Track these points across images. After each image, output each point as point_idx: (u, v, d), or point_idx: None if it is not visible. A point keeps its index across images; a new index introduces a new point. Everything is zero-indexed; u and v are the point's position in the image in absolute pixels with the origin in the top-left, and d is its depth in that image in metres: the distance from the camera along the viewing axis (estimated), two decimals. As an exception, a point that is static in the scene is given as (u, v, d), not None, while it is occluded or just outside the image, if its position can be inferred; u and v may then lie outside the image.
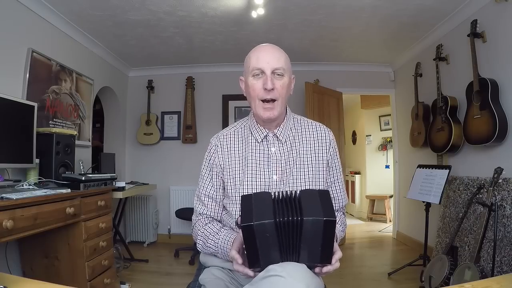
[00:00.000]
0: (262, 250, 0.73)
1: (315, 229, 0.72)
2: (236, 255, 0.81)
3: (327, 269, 0.77)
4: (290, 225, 0.73)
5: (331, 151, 1.06)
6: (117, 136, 3.89)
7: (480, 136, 2.19)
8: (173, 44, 3.28)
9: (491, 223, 1.91)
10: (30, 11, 2.26)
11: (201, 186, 1.09)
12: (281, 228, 0.73)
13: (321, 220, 0.71)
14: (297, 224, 0.73)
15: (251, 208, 0.75)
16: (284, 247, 0.74)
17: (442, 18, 2.72)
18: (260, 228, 0.72)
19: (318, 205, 0.74)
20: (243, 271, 0.79)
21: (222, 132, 1.11)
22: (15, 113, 1.86)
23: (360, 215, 5.53)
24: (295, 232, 0.73)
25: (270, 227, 0.72)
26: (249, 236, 0.72)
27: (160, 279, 2.66)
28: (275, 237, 0.73)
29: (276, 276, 0.70)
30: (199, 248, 1.05)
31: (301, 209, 0.74)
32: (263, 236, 0.72)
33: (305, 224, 0.72)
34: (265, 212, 0.74)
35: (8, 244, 1.93)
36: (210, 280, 0.97)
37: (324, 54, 3.64)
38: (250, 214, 0.74)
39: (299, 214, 0.73)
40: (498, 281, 0.81)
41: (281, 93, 0.97)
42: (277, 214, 0.74)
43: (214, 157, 1.07)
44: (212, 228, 1.02)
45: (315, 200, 0.76)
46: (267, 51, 0.99)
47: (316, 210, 0.73)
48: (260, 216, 0.73)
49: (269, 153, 1.03)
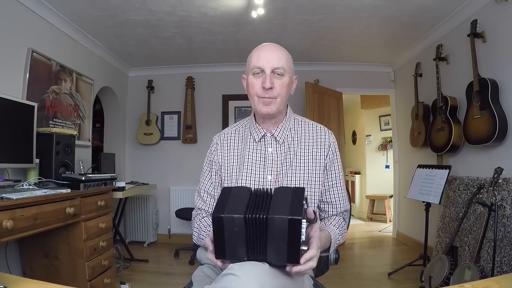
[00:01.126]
0: (229, 243, 0.73)
1: (280, 227, 0.71)
2: (208, 242, 0.81)
3: (297, 269, 0.74)
4: (257, 222, 0.73)
5: (330, 155, 1.04)
6: (117, 136, 3.89)
7: (480, 136, 2.19)
8: (173, 44, 3.29)
9: (491, 223, 1.91)
10: (30, 11, 2.26)
11: (201, 182, 1.12)
12: (249, 224, 0.73)
13: (286, 219, 0.70)
14: (263, 222, 0.72)
15: (226, 201, 0.76)
16: (251, 244, 0.74)
17: (442, 18, 2.72)
18: (229, 221, 0.72)
19: (287, 203, 0.73)
20: (213, 260, 0.79)
21: (224, 131, 1.14)
22: (15, 113, 1.85)
23: (360, 215, 5.53)
24: (262, 230, 0.73)
25: (239, 222, 0.72)
26: (218, 227, 0.73)
27: (160, 279, 2.66)
28: (243, 233, 0.73)
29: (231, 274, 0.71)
30: (194, 240, 1.08)
31: (269, 206, 0.74)
32: (232, 229, 0.72)
33: (270, 222, 0.71)
34: (238, 206, 0.74)
35: (8, 244, 1.93)
36: (198, 278, 0.99)
37: (324, 54, 3.64)
38: (224, 206, 0.74)
39: (266, 211, 0.73)
40: (498, 281, 0.81)
41: (280, 92, 0.97)
42: (249, 210, 0.74)
43: (214, 155, 1.10)
44: (207, 221, 1.05)
45: (286, 198, 0.75)
46: (268, 50, 0.99)
47: (283, 208, 0.72)
48: (232, 209, 0.73)
49: (266, 153, 1.04)
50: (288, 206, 0.72)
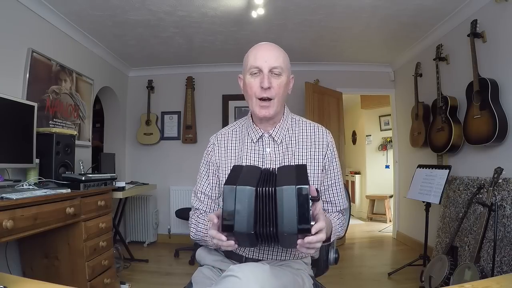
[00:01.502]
0: (238, 214, 0.74)
1: (289, 197, 0.73)
2: (212, 215, 0.80)
3: (309, 239, 0.74)
4: (267, 195, 0.75)
5: (328, 154, 1.04)
6: (117, 136, 3.89)
7: (480, 136, 2.19)
8: (173, 44, 3.28)
9: (491, 223, 1.91)
10: (30, 11, 2.26)
11: (198, 183, 1.11)
12: (260, 197, 0.75)
13: (294, 188, 0.73)
14: (273, 194, 0.75)
15: (238, 175, 0.79)
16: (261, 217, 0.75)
17: (442, 18, 2.72)
18: (241, 192, 0.74)
19: (292, 175, 0.77)
20: (216, 235, 0.78)
21: (221, 131, 1.13)
22: (15, 113, 1.86)
23: (360, 215, 5.53)
24: (271, 202, 0.75)
25: (250, 194, 0.74)
26: (228, 198, 0.74)
27: (160, 279, 2.66)
28: (253, 205, 0.74)
29: (232, 276, 0.71)
30: (191, 236, 1.07)
31: (276, 180, 0.78)
32: (243, 201, 0.74)
33: (279, 193, 0.74)
34: (250, 180, 0.77)
35: (8, 244, 1.93)
36: (199, 279, 0.99)
37: (324, 54, 3.64)
38: (236, 179, 0.77)
39: (273, 184, 0.76)
40: (498, 281, 0.81)
41: (278, 92, 0.97)
42: (259, 184, 0.77)
43: (211, 155, 1.09)
44: (204, 216, 1.05)
45: (291, 172, 0.80)
46: (265, 49, 0.99)
47: (290, 179, 0.76)
48: (245, 182, 0.76)
49: (263, 154, 1.03)
50: (294, 177, 0.77)
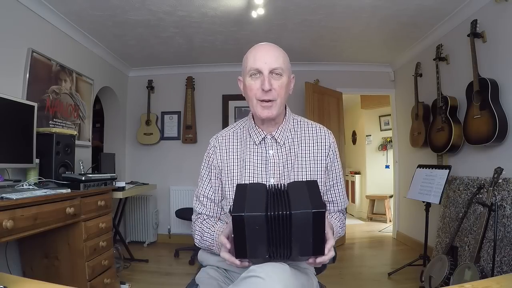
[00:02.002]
0: (250, 242, 0.73)
1: (304, 222, 0.71)
2: (224, 240, 0.80)
3: (321, 260, 0.76)
4: (280, 219, 0.72)
5: (331, 155, 1.04)
6: (117, 136, 3.89)
7: (480, 136, 2.19)
8: (173, 44, 3.28)
9: (491, 223, 1.91)
10: (30, 11, 2.26)
11: (200, 186, 1.08)
12: (271, 221, 0.72)
13: (310, 213, 0.70)
14: (287, 218, 0.72)
15: (244, 198, 0.75)
16: (273, 241, 0.74)
17: (442, 18, 2.72)
18: (250, 219, 0.71)
19: (306, 197, 0.74)
20: (229, 259, 0.78)
21: (221, 133, 1.10)
22: (15, 113, 1.85)
23: (360, 215, 5.53)
24: (285, 226, 0.73)
25: (261, 220, 0.72)
26: (238, 226, 0.72)
27: (160, 279, 2.66)
28: (265, 231, 0.72)
29: (255, 277, 0.70)
30: (197, 243, 1.05)
31: (289, 202, 0.74)
32: (253, 228, 0.72)
33: (294, 218, 0.71)
34: (257, 204, 0.73)
35: (8, 244, 1.93)
36: (204, 280, 0.97)
37: (324, 54, 3.64)
38: (242, 204, 0.73)
39: (287, 208, 0.72)
40: (498, 281, 0.81)
41: (279, 93, 0.95)
42: (269, 207, 0.73)
43: (213, 158, 1.06)
44: (209, 223, 1.03)
45: (303, 192, 0.75)
46: (264, 50, 0.96)
47: (304, 202, 0.72)
48: (252, 207, 0.72)
49: (267, 156, 1.01)
50: (308, 199, 0.73)
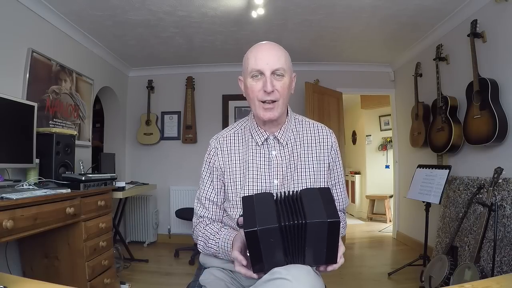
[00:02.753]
0: (266, 254, 0.71)
1: (319, 231, 0.70)
2: (239, 256, 0.79)
3: (332, 268, 0.77)
4: (294, 229, 0.71)
5: (333, 154, 1.04)
6: (117, 136, 3.89)
7: (480, 136, 2.19)
8: (173, 44, 3.28)
9: (491, 223, 1.91)
10: (30, 11, 2.26)
11: (201, 189, 1.06)
12: (285, 232, 0.71)
13: (325, 222, 0.70)
14: (301, 228, 0.71)
15: (253, 211, 0.72)
16: (289, 250, 0.73)
17: (442, 18, 2.72)
18: (264, 233, 0.69)
19: (320, 205, 0.72)
20: (246, 273, 0.78)
21: (222, 134, 1.08)
22: (15, 113, 1.85)
23: (360, 215, 5.53)
24: (299, 236, 0.72)
25: (275, 232, 0.70)
26: (252, 241, 0.70)
27: (160, 279, 2.66)
28: (280, 241, 0.71)
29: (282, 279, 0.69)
30: (200, 250, 1.03)
31: (304, 211, 0.72)
32: (267, 241, 0.70)
33: (309, 227, 0.70)
34: (268, 216, 0.71)
35: (8, 244, 1.92)
36: (211, 281, 0.95)
37: (324, 54, 3.64)
38: (253, 218, 0.71)
39: (302, 217, 0.71)
40: (498, 281, 0.81)
41: (282, 93, 0.94)
42: (281, 218, 0.71)
43: (214, 160, 1.04)
44: (213, 228, 1.00)
45: (317, 200, 0.74)
46: (265, 50, 0.95)
47: (319, 211, 0.71)
48: (264, 220, 0.70)
49: (270, 157, 1.00)
50: (323, 208, 0.72)
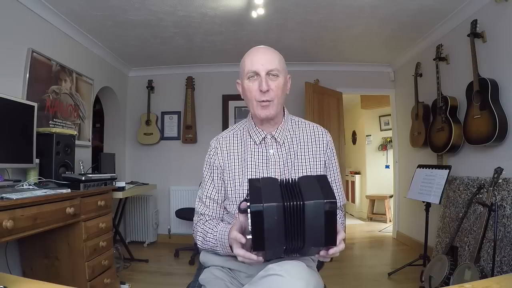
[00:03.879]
0: (268, 232, 0.73)
1: (317, 212, 0.72)
2: (238, 235, 0.80)
3: (333, 251, 0.77)
4: (295, 209, 0.73)
5: (328, 152, 1.08)
6: (117, 136, 3.89)
7: (480, 136, 2.19)
8: (173, 44, 3.28)
9: (491, 223, 1.91)
10: (30, 11, 2.26)
11: (203, 188, 1.10)
12: (287, 212, 0.73)
13: (322, 202, 0.72)
14: (301, 208, 0.73)
15: (259, 191, 0.75)
16: (289, 232, 0.74)
17: (442, 18, 2.72)
18: (269, 210, 0.72)
19: (318, 188, 0.75)
20: (245, 255, 0.78)
21: (222, 135, 1.13)
22: (15, 113, 1.86)
23: (360, 215, 5.53)
24: (299, 217, 0.74)
25: (279, 210, 0.72)
26: (257, 218, 0.72)
27: (160, 279, 2.66)
28: (282, 221, 0.73)
29: (275, 275, 0.70)
30: (199, 245, 1.05)
31: (302, 193, 0.75)
32: (271, 219, 0.72)
33: (307, 208, 0.73)
34: (273, 195, 0.74)
35: (8, 244, 1.93)
36: (210, 280, 0.97)
37: (324, 54, 3.64)
38: (259, 196, 0.73)
39: (300, 198, 0.74)
40: (498, 281, 0.81)
41: (276, 93, 0.99)
42: (285, 198, 0.74)
43: (214, 159, 1.08)
44: (211, 223, 1.03)
45: (314, 184, 0.77)
46: (261, 53, 1.00)
47: (316, 193, 0.74)
48: (270, 198, 0.73)
49: (267, 155, 1.04)
50: (320, 191, 0.75)
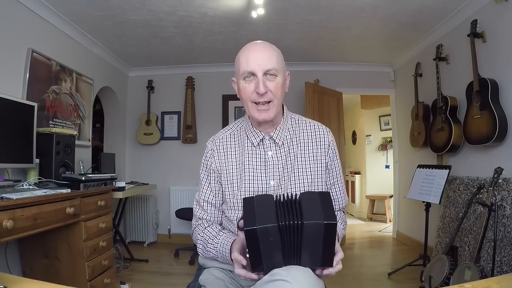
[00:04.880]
0: (265, 253, 0.73)
1: (316, 232, 0.71)
2: (239, 257, 0.80)
3: (328, 272, 0.77)
4: (292, 229, 0.72)
5: (330, 153, 1.03)
6: (117, 136, 3.89)
7: (480, 136, 2.19)
8: (173, 44, 3.28)
9: (491, 223, 1.91)
10: (30, 11, 2.26)
11: (200, 191, 1.07)
12: (284, 231, 0.72)
13: (322, 224, 0.71)
14: (299, 228, 0.72)
15: (253, 211, 0.74)
16: (286, 250, 0.74)
17: (442, 18, 2.72)
18: (263, 232, 0.71)
19: (318, 208, 0.74)
20: (246, 275, 0.78)
21: (218, 136, 1.08)
22: (15, 113, 1.85)
23: (360, 215, 5.53)
24: (296, 236, 0.73)
25: (274, 230, 0.72)
26: (252, 239, 0.72)
27: (160, 279, 2.66)
28: (278, 241, 0.72)
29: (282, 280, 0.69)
30: (200, 253, 1.03)
31: (302, 212, 0.73)
32: (267, 239, 0.72)
33: (306, 228, 0.71)
34: (268, 215, 0.73)
35: (8, 244, 1.93)
36: (210, 281, 0.96)
37: (324, 54, 3.64)
38: (253, 217, 0.73)
39: (299, 217, 0.72)
40: (498, 281, 0.81)
41: (275, 94, 0.93)
42: (280, 217, 0.73)
43: (211, 162, 1.04)
44: (211, 232, 1.00)
45: (316, 203, 0.75)
46: (257, 51, 0.93)
47: (316, 213, 0.72)
48: (263, 219, 0.72)
49: (266, 158, 1.00)
50: (321, 211, 0.73)
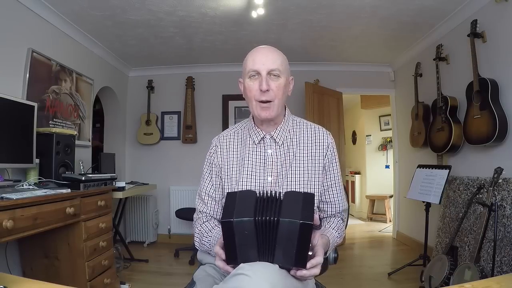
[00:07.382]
0: (240, 247, 0.74)
1: (291, 231, 0.71)
2: (219, 251, 0.82)
3: (301, 274, 0.76)
4: (267, 225, 0.73)
5: (329, 155, 1.06)
6: (117, 136, 3.89)
7: (480, 136, 2.19)
8: (173, 44, 3.28)
9: (491, 223, 1.91)
10: (30, 11, 2.26)
11: (202, 185, 1.12)
12: (259, 226, 0.73)
13: (298, 223, 0.71)
14: (274, 224, 0.73)
15: (233, 205, 0.76)
16: (261, 246, 0.75)
17: (442, 18, 2.72)
18: (239, 225, 0.72)
19: (298, 207, 0.74)
20: (224, 267, 0.80)
21: (224, 133, 1.14)
22: (15, 113, 1.86)
23: (360, 215, 5.53)
24: (272, 232, 0.74)
25: (249, 225, 0.73)
26: (228, 232, 0.73)
27: (160, 279, 2.66)
28: (254, 236, 0.73)
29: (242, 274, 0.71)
30: (197, 246, 1.07)
31: (280, 209, 0.74)
32: (242, 233, 0.73)
33: (281, 225, 0.72)
34: (245, 210, 0.74)
35: (8, 244, 1.93)
36: (201, 277, 0.99)
37: (324, 54, 3.64)
38: (232, 211, 0.74)
39: (276, 214, 0.73)
40: (498, 281, 0.81)
41: (277, 94, 0.98)
42: (257, 212, 0.74)
43: (213, 157, 1.10)
44: (208, 226, 1.04)
45: (297, 203, 0.75)
46: (263, 53, 1.01)
47: (295, 212, 0.73)
48: (241, 213, 0.73)
49: (265, 155, 1.05)
50: (300, 210, 0.73)
